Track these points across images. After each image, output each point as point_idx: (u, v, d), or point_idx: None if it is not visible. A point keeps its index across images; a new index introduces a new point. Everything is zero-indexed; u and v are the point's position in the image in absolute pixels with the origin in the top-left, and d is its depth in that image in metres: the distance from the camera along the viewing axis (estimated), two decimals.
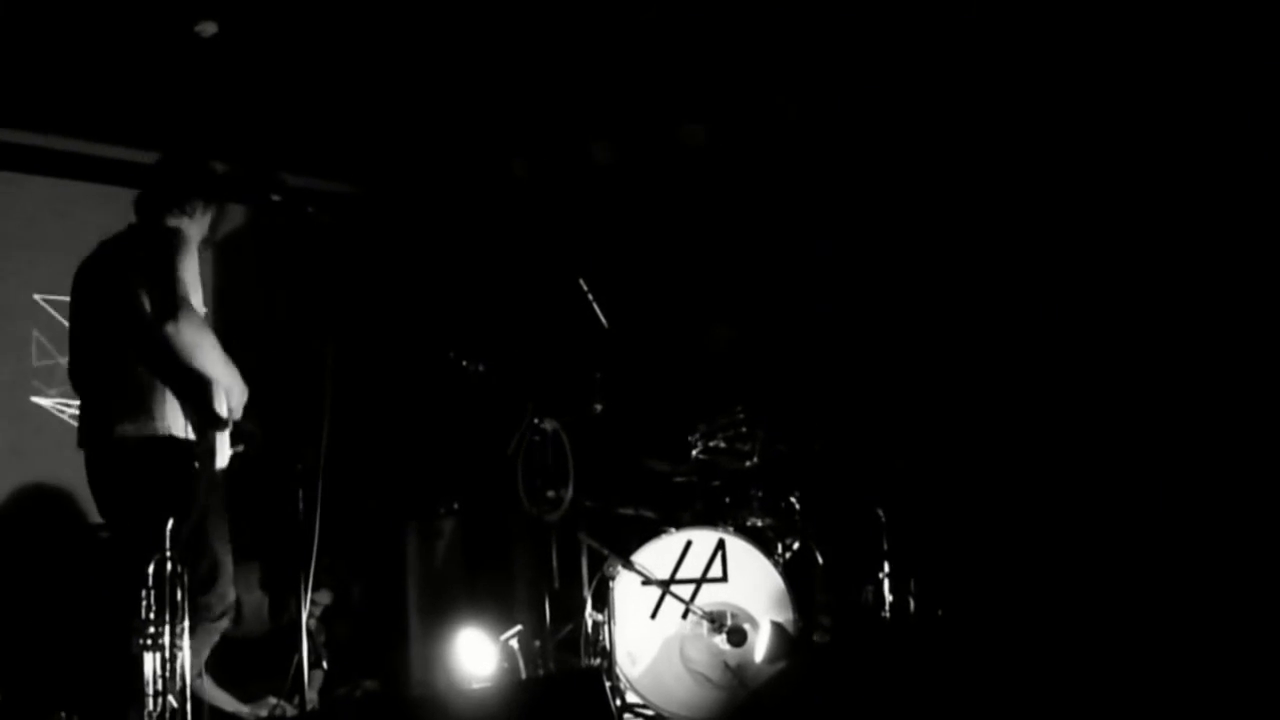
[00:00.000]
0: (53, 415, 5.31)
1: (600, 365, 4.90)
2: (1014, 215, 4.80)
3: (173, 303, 3.64)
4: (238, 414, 3.89)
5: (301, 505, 3.89)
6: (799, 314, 5.51)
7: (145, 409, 3.72)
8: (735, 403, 4.95)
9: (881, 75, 5.01)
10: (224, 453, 3.88)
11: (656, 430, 5.16)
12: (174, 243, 3.73)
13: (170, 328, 3.61)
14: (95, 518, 5.01)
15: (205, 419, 3.76)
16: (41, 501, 5.18)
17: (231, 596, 3.94)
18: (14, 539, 4.88)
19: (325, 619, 4.99)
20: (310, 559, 3.88)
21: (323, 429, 3.90)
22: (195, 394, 3.74)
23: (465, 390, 5.12)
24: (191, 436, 3.77)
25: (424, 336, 5.76)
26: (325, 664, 4.79)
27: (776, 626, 4.47)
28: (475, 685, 4.56)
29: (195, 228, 3.92)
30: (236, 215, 5.23)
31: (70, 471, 5.07)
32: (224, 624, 3.94)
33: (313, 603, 4.67)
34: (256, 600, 4.80)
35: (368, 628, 5.37)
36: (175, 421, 3.74)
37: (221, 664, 4.26)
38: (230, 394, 3.82)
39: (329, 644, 4.93)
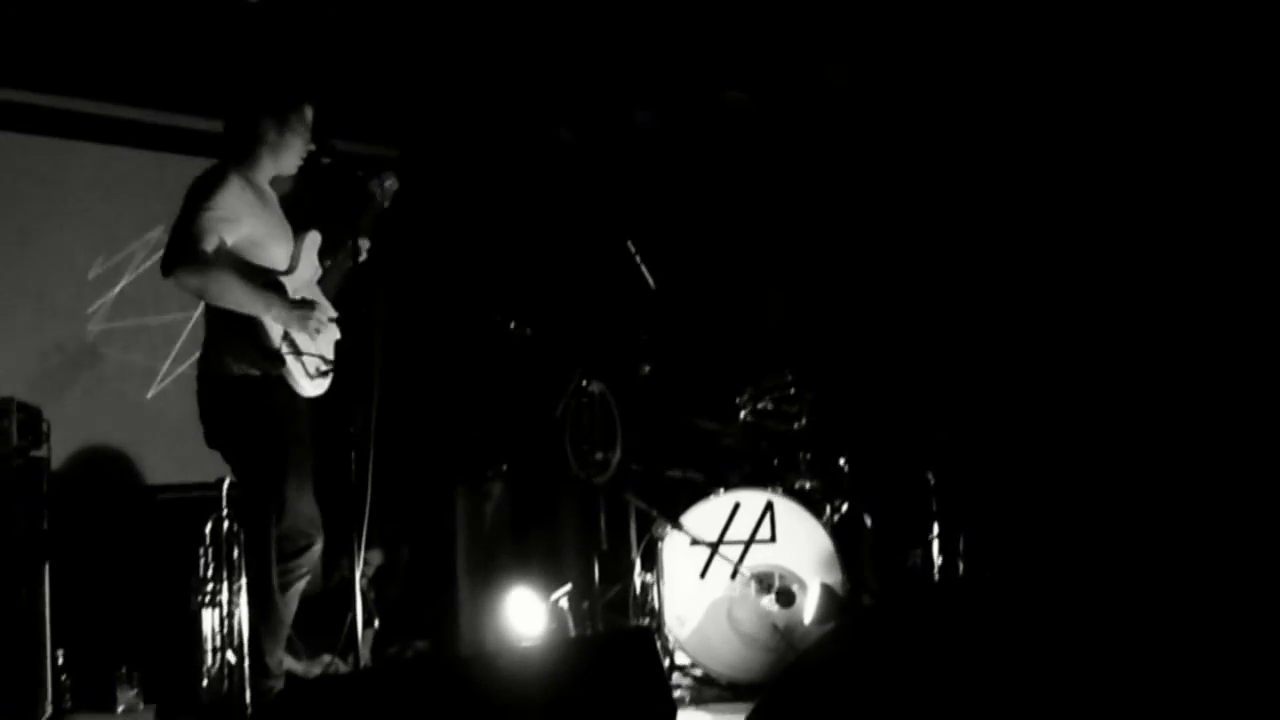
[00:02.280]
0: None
1: (647, 327, 4.92)
2: (1086, 178, 4.75)
3: (171, 252, 3.69)
4: (310, 346, 3.91)
5: (354, 467, 3.90)
6: (847, 275, 5.52)
7: (212, 349, 3.86)
8: (783, 365, 4.97)
9: (934, 34, 5.01)
10: (302, 383, 3.89)
11: (704, 392, 5.17)
12: (195, 187, 3.77)
13: (171, 277, 3.69)
14: (153, 478, 5.23)
15: (262, 353, 3.81)
16: (102, 462, 5.38)
17: (318, 550, 3.96)
18: (75, 498, 5.03)
19: (376, 579, 5.13)
20: (363, 520, 3.89)
21: (373, 392, 3.91)
22: (240, 334, 3.79)
23: (513, 353, 5.17)
24: (257, 373, 3.82)
25: (472, 301, 5.80)
26: (377, 623, 4.88)
27: (825, 588, 4.49)
28: (524, 644, 4.62)
29: (261, 163, 3.95)
30: (285, 180, 5.24)
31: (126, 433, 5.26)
32: (303, 587, 3.97)
33: (365, 563, 4.82)
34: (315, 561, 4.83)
35: (418, 588, 5.47)
36: (241, 361, 3.81)
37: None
38: (285, 324, 3.83)
39: (380, 603, 5.01)
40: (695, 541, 4.58)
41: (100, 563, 4.82)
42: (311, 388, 3.96)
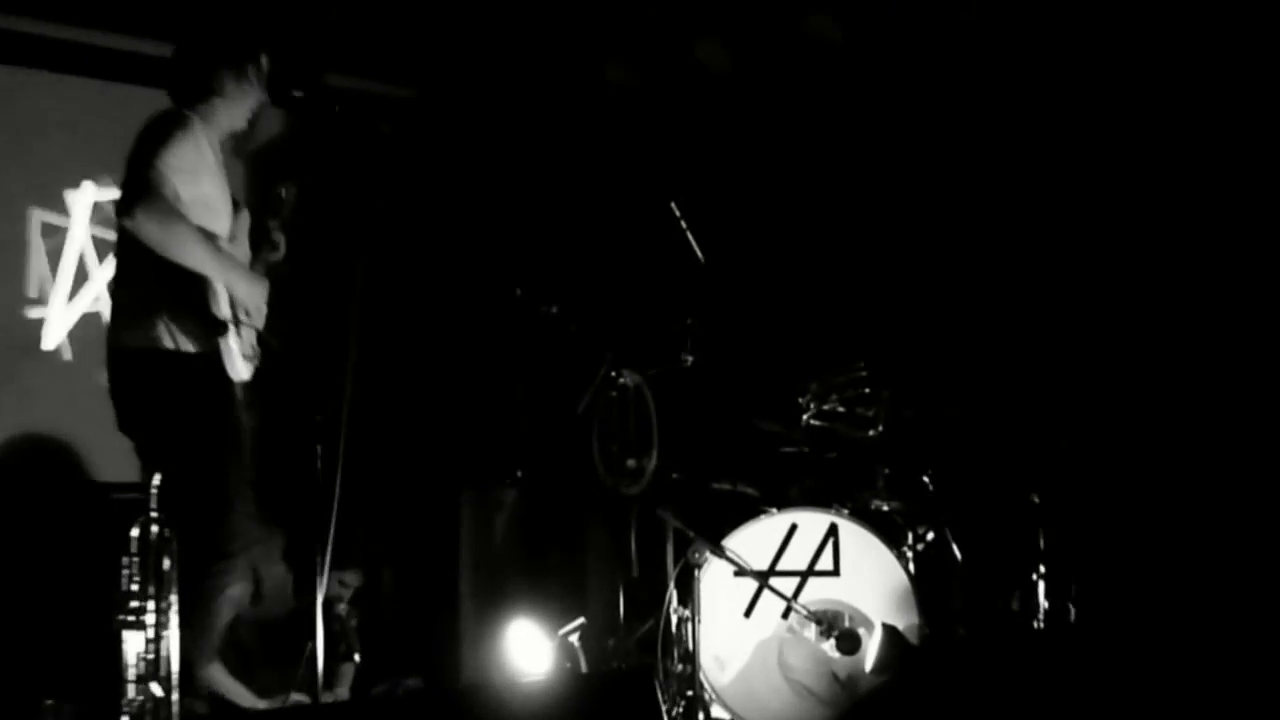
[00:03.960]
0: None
1: (694, 309, 4.87)
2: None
3: (132, 193, 3.66)
4: (256, 320, 3.93)
5: (320, 464, 3.82)
6: (939, 245, 5.37)
7: (136, 316, 3.79)
8: (857, 356, 4.85)
9: None
10: (236, 363, 3.87)
11: (760, 389, 5.12)
12: (156, 128, 3.75)
13: (128, 221, 3.64)
14: (98, 475, 5.08)
15: (204, 323, 3.78)
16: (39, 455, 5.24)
17: (249, 562, 3.96)
18: (13, 499, 4.98)
19: (358, 603, 4.97)
20: (329, 528, 3.82)
21: (347, 373, 3.87)
22: (184, 299, 3.75)
23: (533, 336, 5.19)
24: (193, 349, 3.80)
25: (488, 270, 5.70)
26: (358, 656, 4.77)
27: (897, 634, 4.35)
28: (507, 682, 4.65)
29: (216, 117, 3.95)
30: (274, 123, 5.12)
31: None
32: (236, 595, 3.93)
33: (341, 583, 4.79)
34: (279, 576, 4.75)
35: (412, 615, 5.43)
36: (177, 332, 3.79)
37: (237, 650, 4.27)
38: (235, 293, 3.84)
39: (363, 632, 4.88)
40: (741, 571, 4.47)
41: (40, 571, 4.82)
42: (245, 369, 3.93)
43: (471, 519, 5.45)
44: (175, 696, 3.63)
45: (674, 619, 4.64)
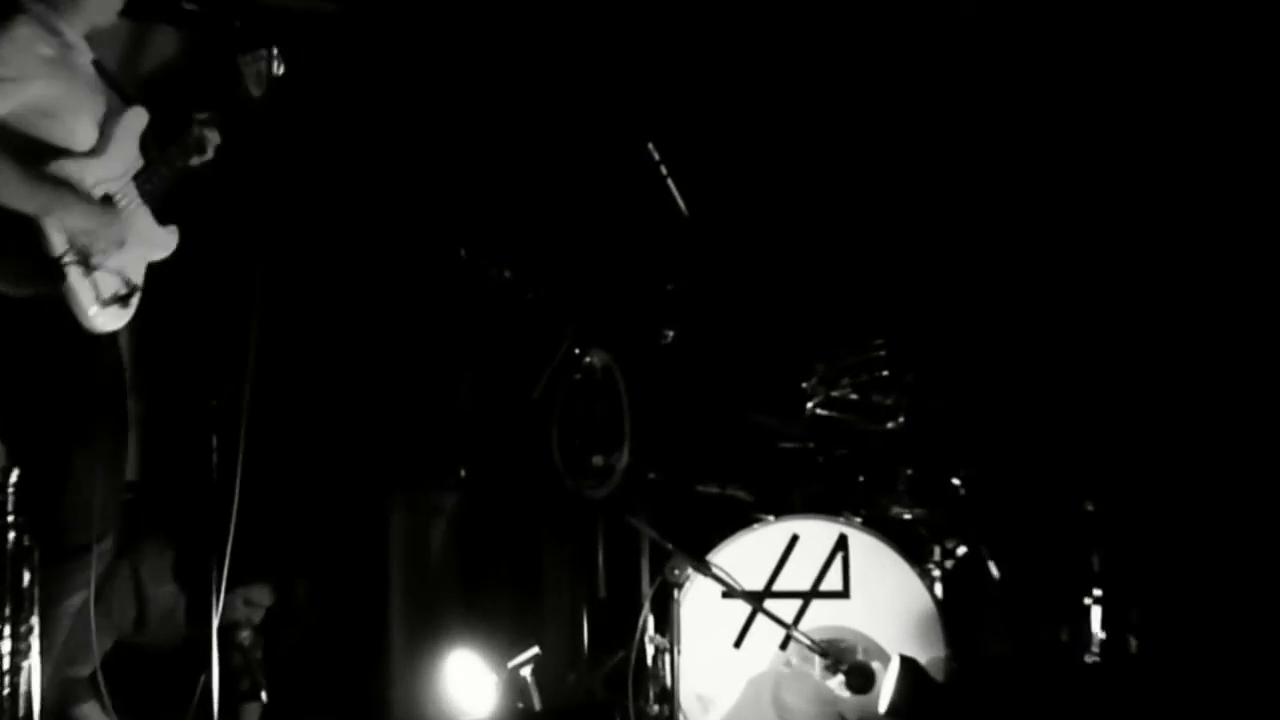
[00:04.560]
0: None
1: (675, 273, 4.89)
2: None
3: None
4: (102, 259, 3.85)
5: (216, 459, 3.90)
6: (974, 200, 5.39)
7: None
8: (873, 332, 4.86)
9: None
10: (89, 310, 3.82)
11: (755, 371, 5.15)
12: None
13: None
14: None
15: (35, 265, 3.74)
16: None
17: (128, 571, 4.03)
18: None
19: (264, 630, 4.93)
20: (227, 537, 3.89)
21: (249, 349, 3.93)
22: (5, 236, 3.71)
23: (480, 306, 5.22)
24: (23, 294, 3.77)
25: (426, 226, 5.65)
26: (265, 694, 4.75)
27: (915, 668, 4.35)
28: None
29: (66, 9, 3.94)
30: (166, 44, 5.04)
31: None
32: (76, 605, 3.89)
33: (245, 603, 4.73)
34: (169, 597, 4.69)
35: (331, 644, 5.38)
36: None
37: (118, 684, 4.23)
38: (69, 226, 3.77)
39: (271, 665, 4.88)
40: (730, 592, 4.50)
41: None
42: (104, 318, 3.86)
43: (404, 527, 5.45)
44: None
45: (649, 649, 4.67)
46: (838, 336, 4.96)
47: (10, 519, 3.81)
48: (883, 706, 4.36)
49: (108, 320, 3.87)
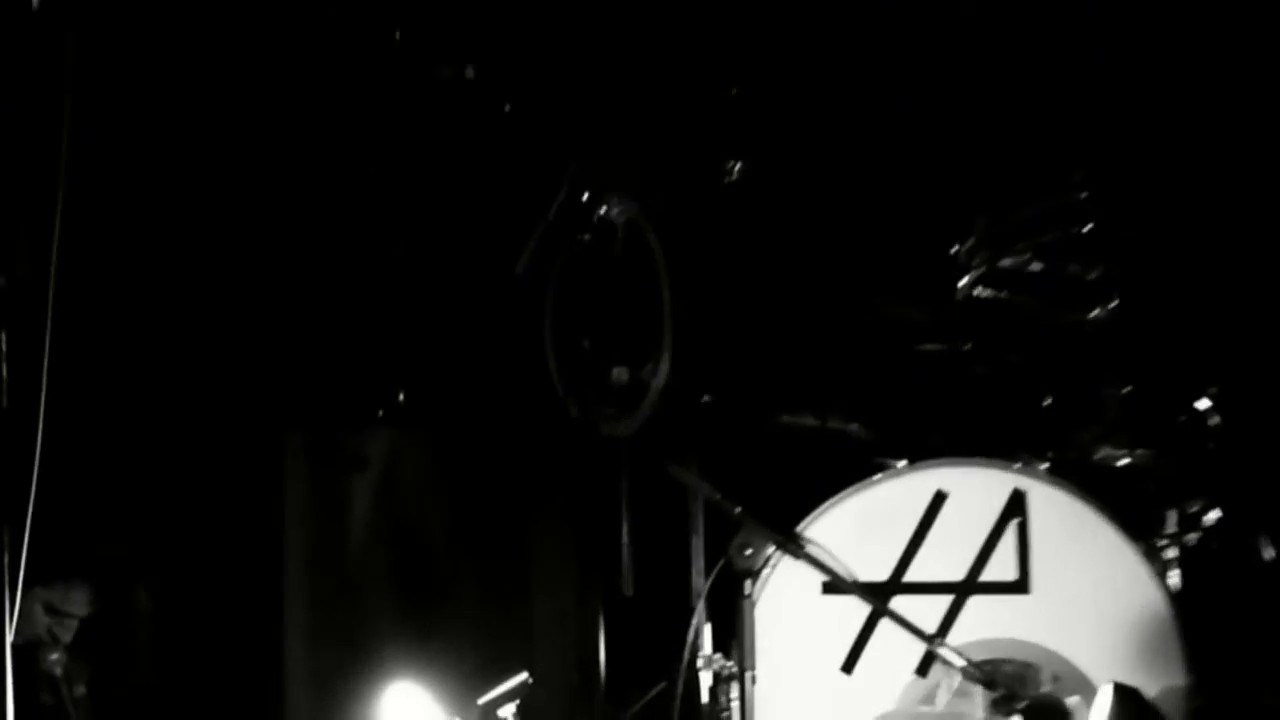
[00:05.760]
0: None
1: (741, 69, 4.97)
2: None
3: None
4: None
5: (3, 373, 3.91)
6: None
7: None
8: (1068, 163, 4.96)
9: None
10: None
11: (875, 229, 5.25)
12: None
13: None
14: None
15: None
16: None
17: None
18: None
19: (83, 652, 5.09)
20: (24, 510, 3.92)
21: (58, 186, 4.00)
22: None
23: (424, 123, 5.40)
24: None
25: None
26: None
27: (1139, 702, 4.33)
28: None
29: None
30: None
31: None
32: None
33: (50, 610, 4.96)
34: None
35: (189, 675, 5.52)
36: None
37: None
38: None
39: (96, 703, 5.05)
40: (836, 585, 4.54)
41: None
42: None
43: (304, 489, 5.54)
44: None
45: (704, 678, 4.72)
46: (1009, 174, 5.09)
47: None
48: None
49: None
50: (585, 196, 4.74)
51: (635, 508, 4.90)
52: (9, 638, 3.88)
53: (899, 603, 4.50)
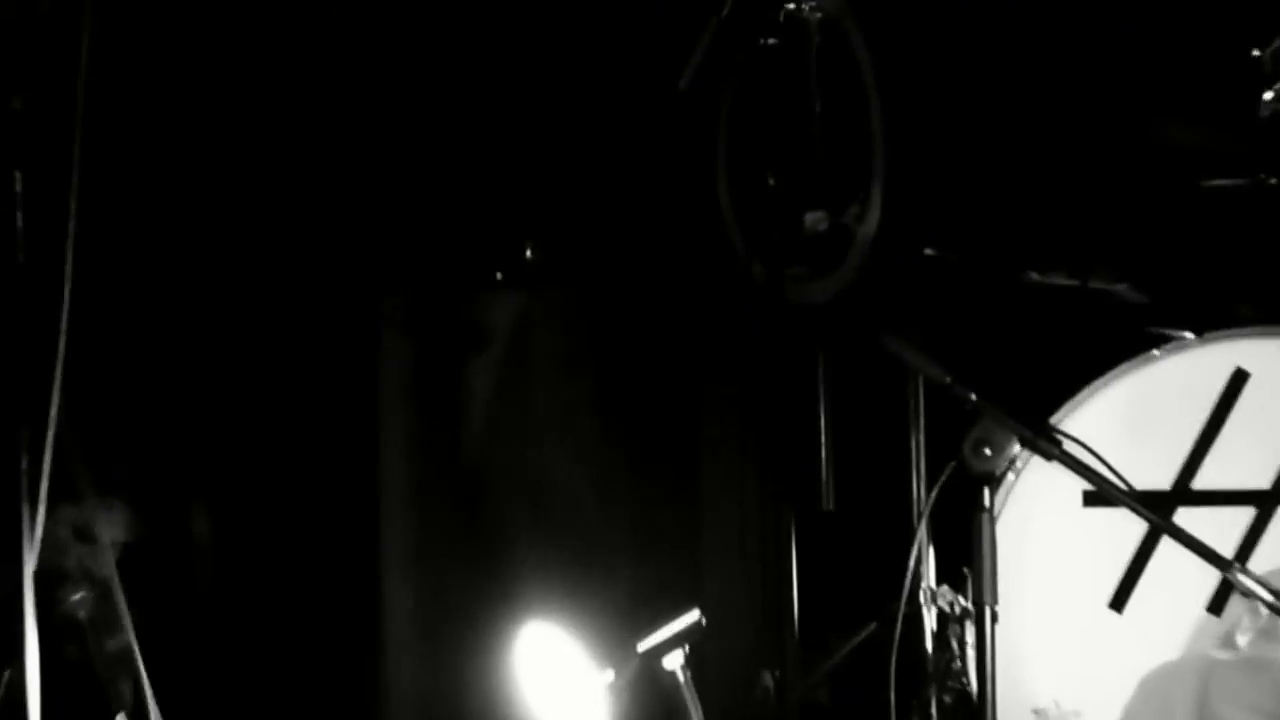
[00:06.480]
0: None
1: None
2: None
3: None
4: None
5: (20, 223, 3.97)
6: None
7: None
8: None
9: None
10: None
11: (1146, 33, 5.24)
12: None
13: None
14: None
15: None
16: None
17: None
18: None
19: (131, 589, 5.05)
20: (47, 417, 3.98)
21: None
22: None
23: None
24: None
25: None
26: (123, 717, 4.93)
27: None
28: None
29: None
30: None
31: None
32: None
33: (79, 535, 4.92)
34: None
35: (259, 619, 5.69)
36: None
37: None
38: None
39: (147, 657, 4.92)
40: (1102, 494, 4.39)
41: None
42: None
43: (407, 371, 5.69)
44: None
45: (930, 614, 4.86)
46: None
47: None
48: None
49: None
50: None
51: (836, 396, 5.03)
52: (29, 571, 3.95)
53: (1185, 518, 4.46)
